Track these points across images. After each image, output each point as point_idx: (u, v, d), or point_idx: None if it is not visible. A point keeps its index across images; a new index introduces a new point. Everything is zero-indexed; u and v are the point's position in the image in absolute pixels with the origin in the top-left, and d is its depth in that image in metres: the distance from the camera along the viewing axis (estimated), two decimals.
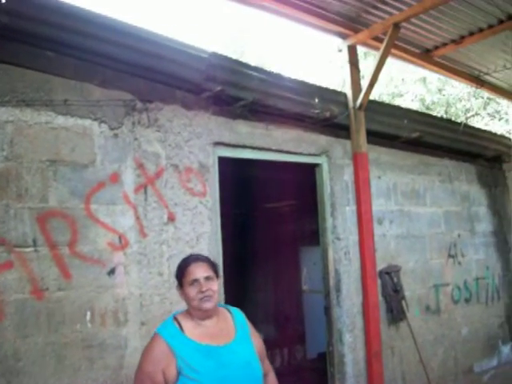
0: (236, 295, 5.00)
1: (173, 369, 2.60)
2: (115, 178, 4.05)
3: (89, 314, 3.79)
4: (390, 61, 6.16)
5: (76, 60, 3.95)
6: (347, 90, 6.06)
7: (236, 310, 3.02)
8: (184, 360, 2.60)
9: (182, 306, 4.17)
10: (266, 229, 9.34)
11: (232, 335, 2.82)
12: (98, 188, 3.95)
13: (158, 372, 2.59)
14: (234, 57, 5.51)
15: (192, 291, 2.74)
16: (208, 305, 2.74)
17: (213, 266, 2.87)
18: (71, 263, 3.74)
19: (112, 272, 3.94)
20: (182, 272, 2.82)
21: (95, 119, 4.00)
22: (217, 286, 2.82)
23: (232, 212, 6.94)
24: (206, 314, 2.78)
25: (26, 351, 3.49)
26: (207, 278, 2.77)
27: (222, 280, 4.62)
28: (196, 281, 2.75)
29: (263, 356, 3.00)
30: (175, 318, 2.79)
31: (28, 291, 3.53)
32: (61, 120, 3.82)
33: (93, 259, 3.85)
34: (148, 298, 4.12)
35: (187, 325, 2.74)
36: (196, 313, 2.76)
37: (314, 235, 6.45)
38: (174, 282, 4.18)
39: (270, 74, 5.39)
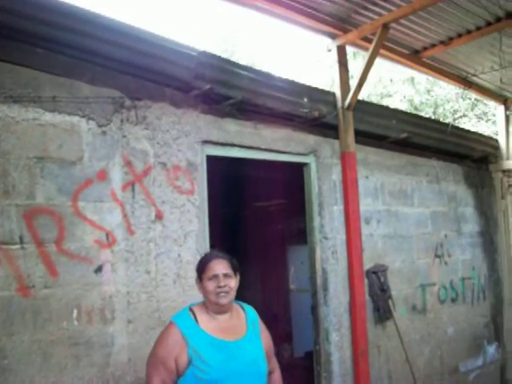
0: None
1: (184, 357, 2.71)
2: (103, 175, 4.03)
3: (75, 311, 3.77)
4: (378, 61, 6.19)
5: (65, 57, 3.93)
6: (336, 89, 6.08)
7: (249, 308, 3.13)
8: (196, 351, 2.71)
9: (169, 303, 4.21)
10: (255, 228, 9.34)
11: (243, 332, 2.93)
12: (86, 185, 3.92)
13: (170, 358, 2.71)
14: (225, 56, 5.52)
15: (211, 285, 2.86)
16: (224, 300, 2.86)
17: (232, 264, 3.01)
18: (58, 260, 3.71)
19: (99, 270, 3.92)
20: (202, 267, 2.96)
21: (83, 116, 3.98)
22: (234, 283, 2.96)
23: (220, 210, 6.94)
24: (222, 309, 2.89)
25: (12, 349, 3.46)
26: (226, 275, 2.90)
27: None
28: (215, 276, 2.88)
29: (271, 354, 3.15)
30: (191, 310, 2.90)
31: (14, 288, 3.50)
32: (48, 116, 3.79)
33: (80, 257, 3.83)
34: (135, 295, 4.11)
35: (202, 317, 2.86)
36: (212, 307, 2.88)
37: (301, 234, 6.46)
38: (161, 280, 4.26)
39: (259, 73, 5.40)
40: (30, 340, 3.55)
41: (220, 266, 2.92)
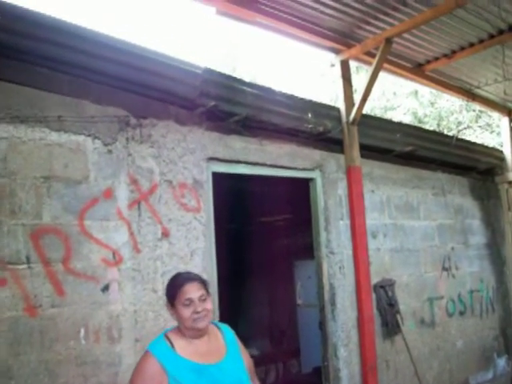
0: (231, 310, 4.99)
1: None
2: (109, 193, 4.04)
3: (83, 330, 3.77)
4: (382, 75, 6.20)
5: (70, 76, 3.96)
6: (340, 104, 6.10)
7: (226, 327, 2.98)
8: (176, 379, 2.56)
9: (175, 323, 4.18)
10: (261, 243, 9.32)
11: (223, 353, 2.79)
12: (92, 204, 3.94)
13: None
14: (226, 72, 5.53)
15: (187, 311, 2.68)
16: (202, 324, 2.70)
17: (204, 284, 2.81)
18: (65, 280, 3.71)
19: (106, 288, 3.92)
20: (174, 292, 2.75)
21: (89, 135, 4.00)
22: (210, 305, 2.78)
23: (226, 227, 6.94)
24: (199, 333, 2.73)
25: (19, 369, 3.45)
26: (201, 298, 2.72)
27: (216, 296, 4.61)
28: (190, 301, 2.69)
29: (252, 372, 2.97)
30: (166, 336, 2.74)
31: (21, 308, 3.51)
32: (54, 136, 3.81)
33: (86, 275, 3.83)
34: (142, 314, 4.10)
35: (178, 343, 2.69)
36: (188, 332, 2.71)
37: (307, 249, 6.45)
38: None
39: (263, 89, 5.41)
40: (37, 360, 3.54)
41: (194, 289, 2.71)
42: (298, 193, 6.20)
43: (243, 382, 2.75)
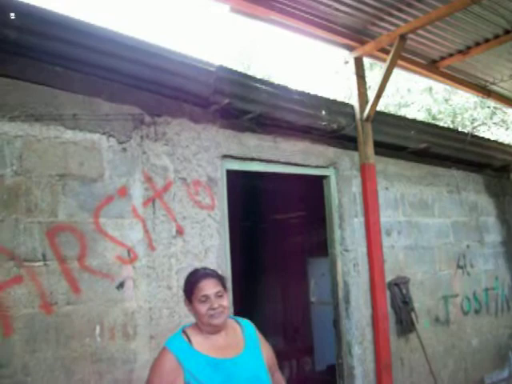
0: (245, 307, 4.99)
1: (180, 382, 2.59)
2: (123, 191, 4.06)
3: (98, 328, 3.79)
4: (396, 71, 6.17)
5: (84, 75, 3.98)
6: (354, 101, 6.07)
7: (246, 322, 3.00)
8: (192, 374, 2.60)
9: (191, 319, 4.20)
10: (274, 240, 9.31)
11: (241, 348, 2.80)
12: (107, 202, 3.96)
13: None
14: (241, 69, 5.53)
15: (203, 308, 2.72)
16: (219, 320, 2.72)
17: (221, 280, 2.84)
18: (80, 277, 3.74)
19: (121, 286, 3.94)
20: (191, 288, 2.80)
21: (104, 133, 4.02)
22: (227, 301, 2.81)
23: (240, 224, 6.94)
24: (216, 329, 2.76)
25: (35, 366, 3.48)
26: (218, 294, 2.75)
27: (230, 292, 4.62)
28: (207, 297, 2.73)
29: (274, 368, 3.00)
30: (184, 332, 2.78)
31: (37, 306, 3.53)
32: (69, 134, 3.84)
33: (102, 273, 3.85)
34: (157, 311, 4.12)
35: (196, 338, 2.73)
36: (205, 328, 2.75)
37: (321, 246, 6.43)
38: (182, 295, 4.23)
39: (277, 86, 5.40)
40: (53, 357, 3.56)
41: (210, 286, 2.75)
42: (312, 190, 6.18)
43: (260, 377, 2.76)
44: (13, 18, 3.50)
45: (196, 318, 2.79)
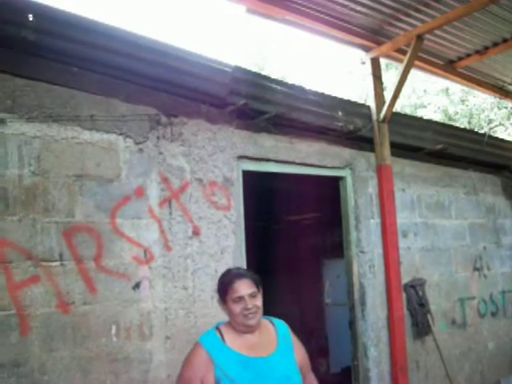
0: None
1: (211, 377, 2.63)
2: (140, 192, 4.07)
3: (114, 327, 3.80)
4: (412, 72, 6.13)
5: (101, 75, 3.99)
6: (370, 102, 6.05)
7: (280, 323, 3.01)
8: (222, 370, 2.63)
9: (206, 319, 4.21)
10: (289, 241, 9.31)
11: (273, 347, 2.83)
12: (124, 202, 3.97)
13: (196, 379, 2.63)
14: (255, 70, 5.52)
15: (237, 308, 2.74)
16: (253, 321, 2.76)
17: (255, 280, 2.86)
18: (97, 277, 3.76)
19: (137, 286, 3.95)
20: (225, 289, 2.82)
21: (120, 134, 4.03)
22: (260, 301, 2.83)
23: (255, 225, 6.94)
24: (250, 329, 2.79)
25: (52, 365, 3.50)
26: (251, 295, 2.77)
27: None
28: (241, 298, 2.75)
29: (307, 369, 3.02)
30: (217, 328, 2.82)
31: (54, 305, 3.55)
32: (87, 135, 3.85)
33: (118, 273, 3.86)
34: (173, 312, 4.12)
35: (229, 335, 2.77)
36: (239, 327, 2.77)
37: (336, 248, 6.41)
38: (198, 296, 4.25)
39: (293, 87, 5.39)
40: (70, 356, 3.58)
41: (244, 287, 2.77)
42: (327, 191, 6.17)
43: (291, 377, 2.78)
44: (31, 19, 3.52)
45: (230, 318, 2.82)
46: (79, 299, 3.66)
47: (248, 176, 4.95)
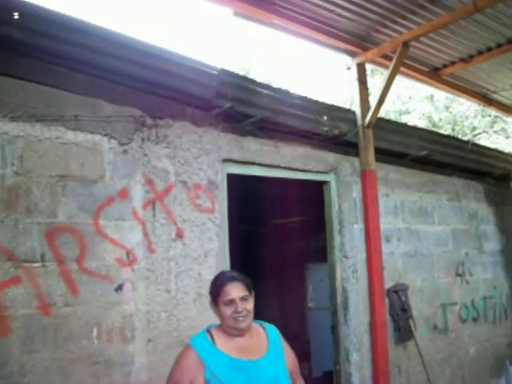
0: None
1: (201, 380, 2.63)
2: (124, 193, 4.05)
3: (95, 330, 3.77)
4: (397, 78, 6.17)
5: (87, 76, 3.97)
6: (356, 107, 6.07)
7: (270, 327, 3.02)
8: (212, 372, 2.64)
9: (188, 322, 4.20)
10: (273, 245, 9.32)
11: (263, 351, 2.83)
12: (107, 203, 3.95)
13: (185, 381, 2.63)
14: (241, 73, 5.53)
15: (228, 311, 2.75)
16: (243, 324, 2.76)
17: (246, 284, 2.86)
18: (79, 279, 3.73)
19: (120, 288, 3.92)
20: (217, 291, 2.82)
21: (105, 135, 4.01)
22: (252, 305, 2.84)
23: (240, 228, 6.93)
24: (241, 332, 2.79)
25: (32, 367, 3.47)
26: (243, 298, 2.78)
27: None
28: (232, 301, 2.75)
29: (296, 374, 3.02)
30: (208, 331, 2.82)
31: (35, 306, 3.52)
32: (71, 135, 3.83)
33: (100, 275, 3.84)
34: (155, 314, 4.10)
35: (220, 338, 2.77)
36: (230, 330, 2.78)
37: (320, 252, 6.43)
38: (181, 298, 4.24)
39: (279, 91, 5.39)
40: (50, 358, 3.55)
41: (236, 290, 2.78)
42: (312, 196, 6.18)
43: (281, 381, 2.79)
44: (16, 17, 3.50)
45: (221, 320, 2.82)
46: (61, 301, 3.63)
47: (233, 179, 4.94)
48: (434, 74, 6.94)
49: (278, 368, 2.83)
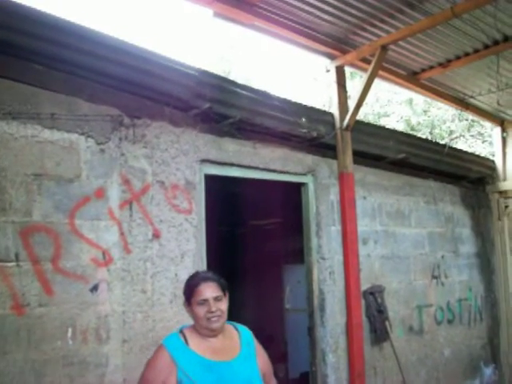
0: None
1: (173, 380, 2.63)
2: (100, 193, 4.02)
3: (70, 330, 3.74)
4: (376, 81, 6.21)
5: (64, 74, 3.94)
6: (334, 110, 6.10)
7: (244, 329, 3.03)
8: (185, 372, 2.64)
9: (164, 323, 4.18)
10: (251, 246, 9.29)
11: (236, 352, 2.84)
12: (83, 203, 3.91)
13: (158, 381, 2.63)
14: (221, 74, 5.52)
15: (201, 311, 2.76)
16: (216, 325, 2.77)
17: (221, 284, 2.88)
18: (54, 279, 3.69)
19: (95, 288, 3.89)
20: (190, 291, 2.83)
21: (82, 134, 3.97)
22: (226, 306, 2.85)
23: (217, 229, 6.91)
24: (213, 333, 2.80)
25: (5, 368, 3.42)
26: (216, 298, 2.79)
27: None
28: (205, 301, 2.76)
29: (269, 376, 3.03)
30: (181, 332, 2.82)
31: (8, 307, 3.47)
32: (47, 134, 3.79)
33: (76, 275, 3.80)
34: (131, 315, 4.07)
35: (193, 339, 2.77)
36: (203, 331, 2.78)
37: (297, 254, 6.43)
38: (157, 299, 4.22)
39: (257, 92, 5.40)
40: (24, 359, 3.51)
41: (209, 290, 2.79)
42: (290, 197, 6.19)
43: (253, 382, 2.80)
44: None
45: (194, 321, 2.82)
46: (35, 301, 3.59)
47: (212, 180, 4.93)
48: (412, 77, 7.00)
49: (250, 369, 2.84)
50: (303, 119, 5.59)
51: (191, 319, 2.84)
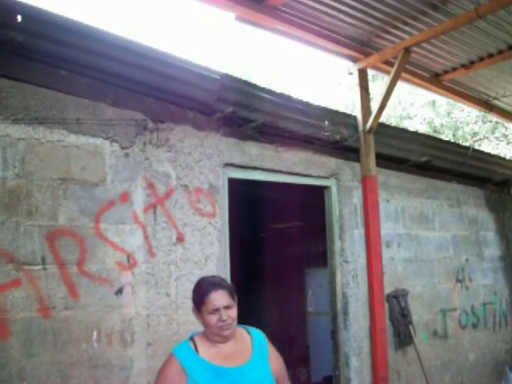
0: (241, 316, 4.96)
1: None
2: (125, 197, 4.05)
3: (95, 333, 3.77)
4: (399, 84, 6.18)
5: (89, 79, 3.98)
6: (357, 113, 6.08)
7: (256, 332, 3.00)
8: (195, 380, 2.62)
9: (189, 327, 4.18)
10: (273, 250, 9.29)
11: (247, 357, 2.81)
12: (108, 207, 3.95)
13: None
14: (243, 78, 5.53)
15: (212, 319, 2.72)
16: (227, 332, 2.74)
17: (230, 290, 2.85)
18: (79, 282, 3.73)
19: (120, 292, 3.92)
20: (201, 299, 2.79)
21: (107, 138, 4.01)
22: (235, 312, 2.82)
23: (240, 232, 6.93)
24: (225, 340, 2.77)
25: (31, 370, 3.46)
26: (227, 307, 2.76)
27: None
28: (216, 310, 2.73)
29: (283, 380, 2.98)
30: (192, 339, 2.80)
31: (35, 309, 3.52)
32: (72, 138, 3.83)
33: (101, 278, 3.83)
34: (155, 318, 4.10)
35: (203, 346, 2.75)
36: (214, 337, 2.76)
37: (319, 257, 6.42)
38: (181, 302, 4.23)
39: (280, 95, 5.40)
40: (50, 362, 3.55)
41: (220, 298, 2.74)
42: (312, 200, 6.17)
43: None
44: (19, 20, 3.50)
45: (204, 328, 2.79)
46: (61, 304, 3.63)
47: (235, 184, 4.94)
48: (435, 79, 6.95)
49: (262, 373, 2.80)
50: (326, 122, 5.58)
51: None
